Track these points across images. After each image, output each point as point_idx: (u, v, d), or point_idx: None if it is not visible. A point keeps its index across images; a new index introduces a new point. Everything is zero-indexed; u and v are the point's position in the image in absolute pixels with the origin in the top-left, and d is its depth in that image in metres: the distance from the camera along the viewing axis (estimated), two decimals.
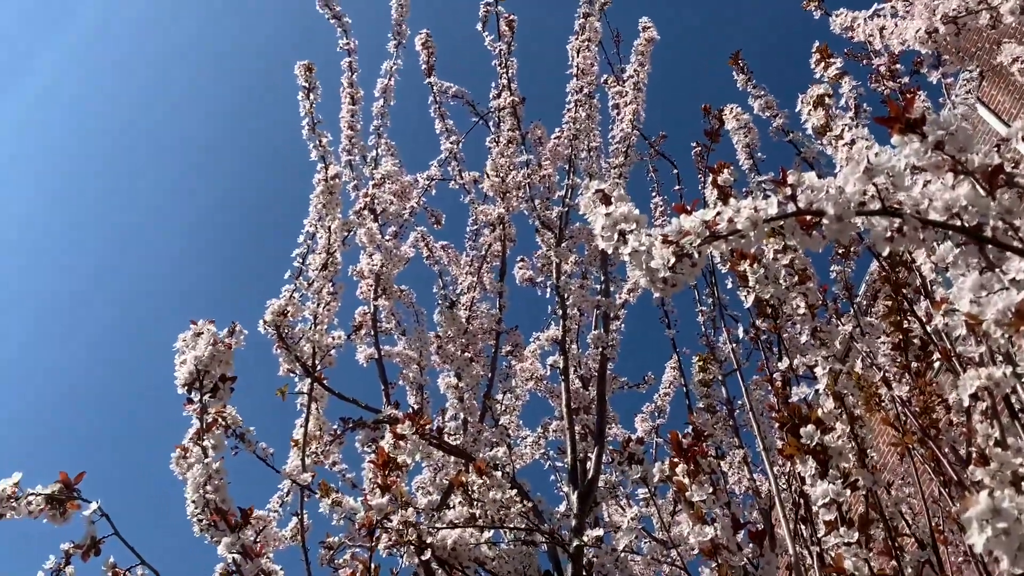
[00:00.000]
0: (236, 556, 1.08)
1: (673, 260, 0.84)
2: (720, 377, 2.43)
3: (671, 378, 2.87)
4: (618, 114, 2.77)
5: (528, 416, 2.62)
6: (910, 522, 1.57)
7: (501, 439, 1.92)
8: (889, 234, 0.77)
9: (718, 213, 0.83)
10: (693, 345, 2.61)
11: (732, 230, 0.81)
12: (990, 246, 0.82)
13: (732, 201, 0.83)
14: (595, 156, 2.60)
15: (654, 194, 2.92)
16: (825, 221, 0.76)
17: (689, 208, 0.87)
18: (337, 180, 1.95)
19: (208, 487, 1.12)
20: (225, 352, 1.22)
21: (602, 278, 2.28)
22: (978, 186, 0.75)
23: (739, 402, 2.43)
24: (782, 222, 0.80)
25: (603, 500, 1.88)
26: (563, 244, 2.29)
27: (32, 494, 1.08)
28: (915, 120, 0.76)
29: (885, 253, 0.77)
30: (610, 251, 0.90)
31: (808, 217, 0.79)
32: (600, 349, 2.03)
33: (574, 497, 1.69)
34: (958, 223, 0.75)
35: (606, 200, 1.00)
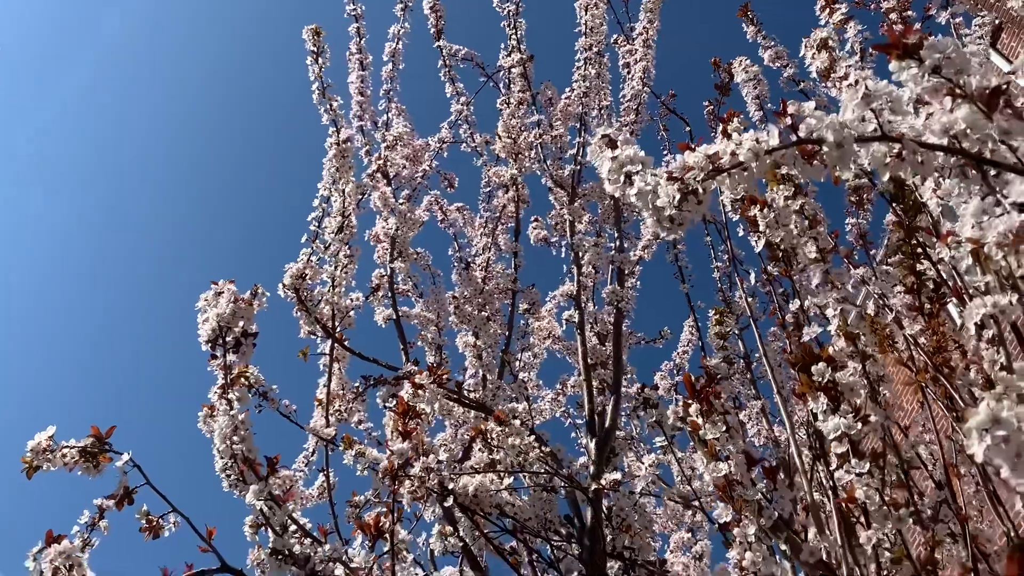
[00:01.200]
0: (264, 504, 1.12)
1: (678, 197, 0.86)
2: (737, 331, 2.45)
3: (689, 336, 2.90)
4: (628, 73, 2.76)
5: (547, 375, 2.65)
6: (927, 463, 1.59)
7: (519, 393, 1.95)
8: (888, 160, 0.78)
9: (721, 147, 0.84)
10: (710, 300, 2.63)
11: (735, 163, 0.83)
12: (992, 171, 0.83)
13: (734, 135, 0.85)
14: (606, 115, 2.60)
15: (666, 153, 2.92)
16: (825, 149, 0.78)
17: (693, 146, 0.89)
18: (349, 143, 1.97)
19: (235, 438, 1.15)
20: (246, 308, 1.25)
21: (616, 235, 2.30)
22: (977, 108, 0.76)
23: (756, 355, 2.46)
24: (784, 152, 0.81)
25: (622, 451, 1.90)
26: (576, 202, 2.30)
27: (66, 447, 1.13)
28: (912, 45, 0.77)
29: (885, 179, 0.78)
30: (617, 193, 0.91)
31: (809, 146, 0.81)
32: (615, 304, 2.05)
33: (592, 445, 1.72)
34: (956, 146, 0.76)
35: (612, 144, 1.01)
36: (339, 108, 1.99)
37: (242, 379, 1.26)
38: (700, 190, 0.86)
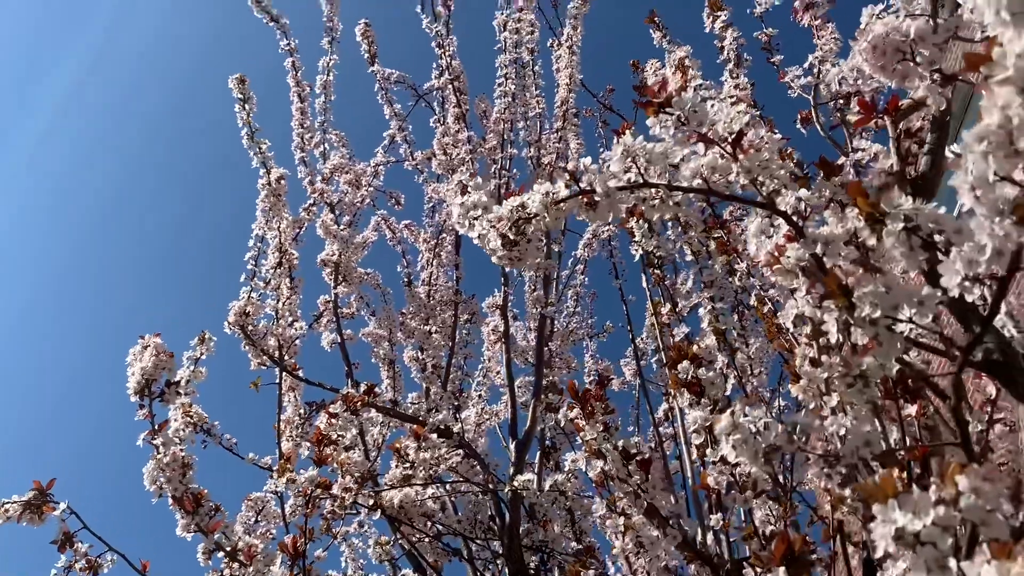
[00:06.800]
0: (191, 535, 1.25)
1: (501, 242, 0.98)
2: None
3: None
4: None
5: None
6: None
7: (450, 403, 2.07)
8: (654, 203, 0.90)
9: (525, 198, 0.97)
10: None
11: (533, 213, 0.95)
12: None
13: (536, 186, 0.97)
14: (536, 124, 2.71)
15: (602, 149, 3.04)
16: (597, 198, 0.90)
17: (517, 192, 1.01)
18: (281, 182, 2.09)
19: (161, 479, 1.29)
20: (168, 360, 1.38)
21: (544, 241, 2.41)
22: (721, 153, 0.88)
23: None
24: (571, 201, 0.93)
25: (562, 447, 2.03)
26: None
27: (8, 503, 1.26)
28: (664, 101, 0.89)
29: (655, 218, 0.90)
30: (468, 235, 1.04)
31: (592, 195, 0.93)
32: (539, 309, 2.17)
33: (511, 447, 1.85)
34: (704, 187, 0.88)
35: (464, 190, 1.14)
36: (268, 150, 2.11)
37: (169, 424, 1.39)
38: (521, 234, 0.98)
